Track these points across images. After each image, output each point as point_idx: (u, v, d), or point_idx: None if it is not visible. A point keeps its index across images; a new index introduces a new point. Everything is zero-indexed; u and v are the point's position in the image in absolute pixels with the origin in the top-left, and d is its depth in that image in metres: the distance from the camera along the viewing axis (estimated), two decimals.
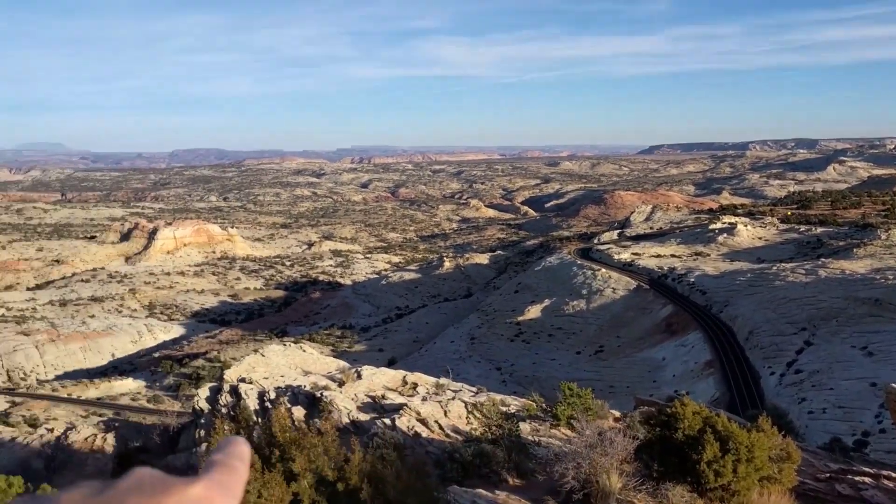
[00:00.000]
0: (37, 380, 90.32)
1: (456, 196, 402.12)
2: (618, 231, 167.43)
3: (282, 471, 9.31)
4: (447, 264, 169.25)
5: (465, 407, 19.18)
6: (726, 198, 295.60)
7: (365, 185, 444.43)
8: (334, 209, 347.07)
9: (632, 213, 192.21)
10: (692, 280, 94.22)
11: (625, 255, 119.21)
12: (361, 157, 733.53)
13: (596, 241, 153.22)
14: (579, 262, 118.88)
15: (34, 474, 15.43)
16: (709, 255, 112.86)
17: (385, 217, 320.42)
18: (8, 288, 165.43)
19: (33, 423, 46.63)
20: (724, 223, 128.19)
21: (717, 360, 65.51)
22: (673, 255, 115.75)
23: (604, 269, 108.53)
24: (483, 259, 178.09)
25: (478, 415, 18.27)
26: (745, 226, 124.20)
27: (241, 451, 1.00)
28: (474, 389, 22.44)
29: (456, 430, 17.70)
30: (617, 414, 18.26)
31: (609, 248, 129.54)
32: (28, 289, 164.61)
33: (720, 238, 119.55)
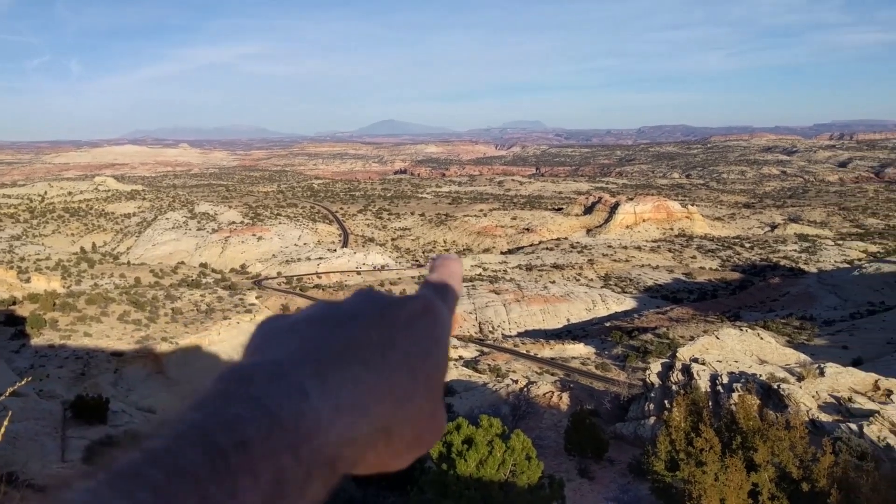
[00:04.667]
0: (502, 334, 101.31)
1: None
2: None
3: (742, 458, 8.98)
4: None
5: None
6: None
7: (843, 164, 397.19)
8: (804, 190, 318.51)
9: None
10: None
11: None
12: (842, 133, 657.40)
13: None
14: None
15: (503, 418, 17.55)
16: None
17: (864, 200, 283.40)
18: (486, 251, 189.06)
19: (496, 372, 52.41)
20: None
21: None
22: None
23: None
24: None
25: None
26: None
27: (454, 269, 0.99)
28: None
29: None
30: None
31: None
32: (501, 252, 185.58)
33: None
